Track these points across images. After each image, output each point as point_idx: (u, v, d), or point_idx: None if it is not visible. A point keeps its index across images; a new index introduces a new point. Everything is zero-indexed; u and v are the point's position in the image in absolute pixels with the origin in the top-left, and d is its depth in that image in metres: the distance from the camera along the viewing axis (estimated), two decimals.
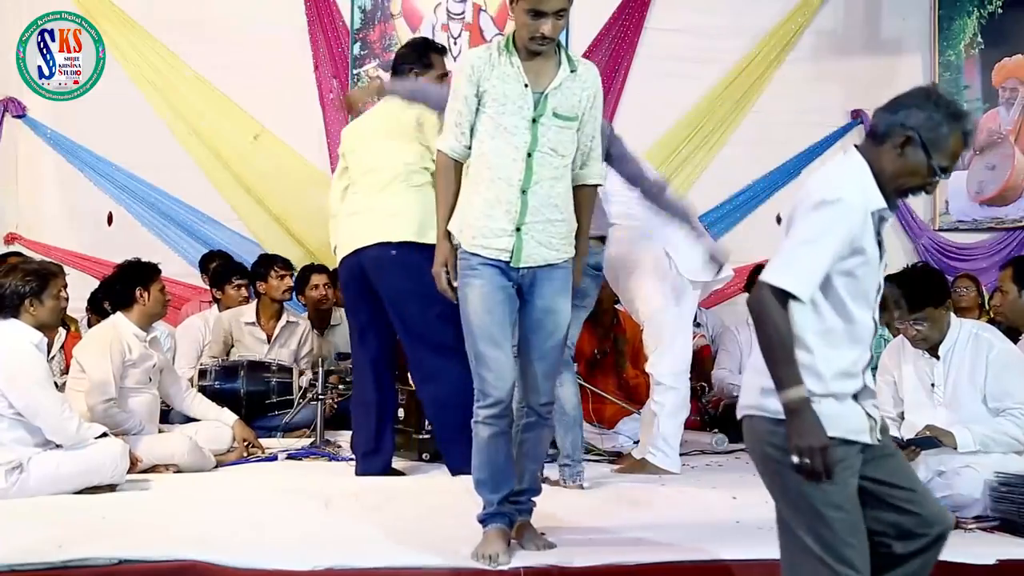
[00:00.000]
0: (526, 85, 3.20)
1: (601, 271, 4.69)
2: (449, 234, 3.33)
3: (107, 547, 3.33)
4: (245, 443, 5.36)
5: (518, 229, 3.22)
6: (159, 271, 5.21)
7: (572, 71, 3.25)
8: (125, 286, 5.13)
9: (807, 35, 7.67)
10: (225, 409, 5.47)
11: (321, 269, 6.80)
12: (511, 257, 3.22)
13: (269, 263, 6.56)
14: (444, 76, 4.73)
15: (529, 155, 3.20)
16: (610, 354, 6.23)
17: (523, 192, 3.21)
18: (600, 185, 3.47)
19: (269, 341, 6.46)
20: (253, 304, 6.56)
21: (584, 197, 3.40)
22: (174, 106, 7.37)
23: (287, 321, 6.55)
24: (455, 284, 3.29)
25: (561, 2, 3.14)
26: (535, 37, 3.16)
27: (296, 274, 6.82)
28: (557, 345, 3.34)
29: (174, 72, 7.36)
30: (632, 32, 7.65)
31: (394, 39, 7.54)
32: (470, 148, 3.30)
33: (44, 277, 4.49)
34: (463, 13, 7.60)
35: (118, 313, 5.13)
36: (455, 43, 7.56)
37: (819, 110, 7.69)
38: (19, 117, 7.33)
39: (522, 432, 3.39)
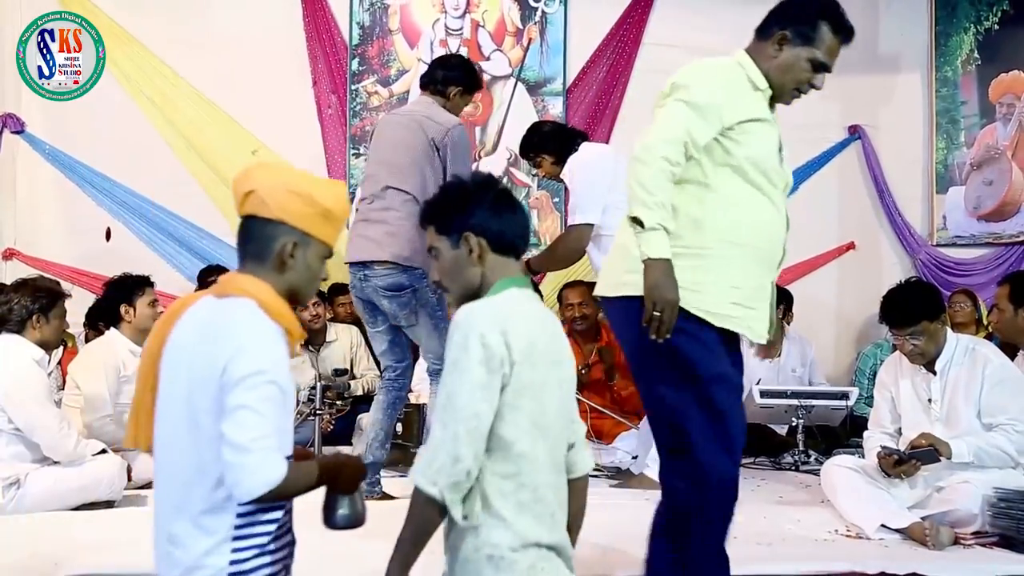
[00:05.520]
0: None
1: (400, 292, 4.63)
2: None
3: (105, 563, 3.33)
4: None
5: None
6: (148, 284, 5.15)
7: None
8: (110, 303, 5.12)
9: None
10: None
11: None
12: None
13: None
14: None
15: None
16: (595, 367, 6.20)
17: None
18: None
19: None
20: None
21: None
22: (173, 122, 7.37)
23: None
24: None
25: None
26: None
27: None
28: None
29: (172, 88, 7.36)
30: (630, 47, 7.67)
31: (392, 55, 7.56)
32: None
33: (54, 296, 4.50)
34: (461, 29, 7.61)
35: (112, 329, 5.12)
36: None
37: (817, 125, 7.69)
38: (18, 133, 7.33)
39: None
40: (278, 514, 2.28)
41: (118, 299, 5.08)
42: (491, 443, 2.21)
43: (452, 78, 4.92)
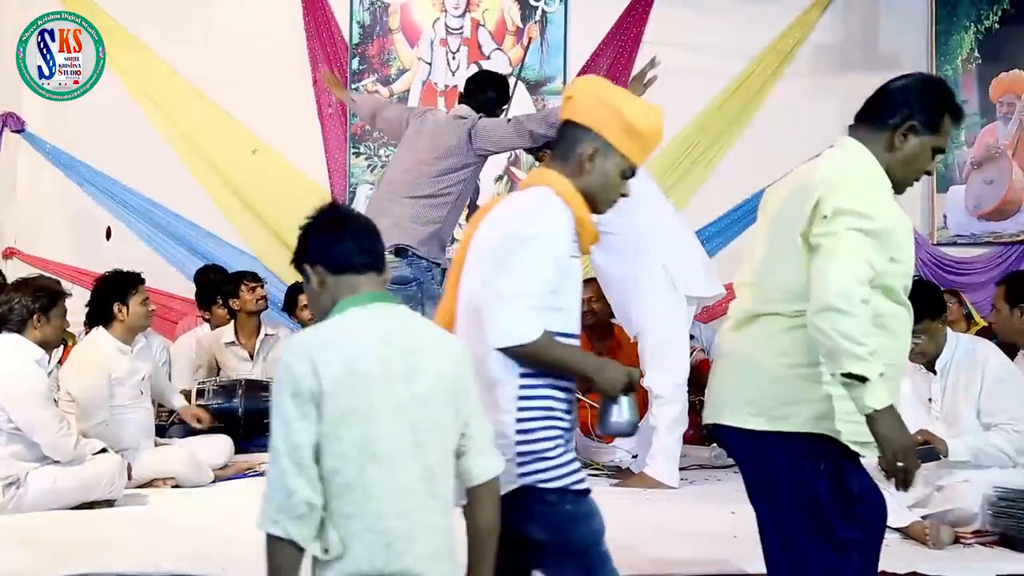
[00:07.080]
0: None
1: (405, 285, 4.78)
2: None
3: (105, 563, 3.33)
4: (196, 419, 5.40)
5: None
6: (140, 282, 5.06)
7: None
8: (103, 302, 5.02)
9: (805, 50, 7.67)
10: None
11: None
12: None
13: (238, 279, 6.53)
14: None
15: None
16: None
17: None
18: None
19: (251, 358, 6.43)
20: (231, 324, 6.52)
21: None
22: (173, 121, 7.38)
23: (266, 334, 6.51)
24: None
25: None
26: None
27: (285, 293, 6.82)
28: None
29: (172, 87, 7.37)
30: (630, 47, 7.67)
31: (393, 54, 7.57)
32: None
33: (54, 295, 4.49)
34: (461, 28, 7.62)
35: (98, 329, 5.00)
36: (453, 58, 7.58)
37: (816, 125, 7.69)
38: (18, 132, 7.34)
39: None
40: (563, 383, 2.48)
41: (112, 298, 4.98)
42: (320, 475, 2.11)
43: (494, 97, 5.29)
